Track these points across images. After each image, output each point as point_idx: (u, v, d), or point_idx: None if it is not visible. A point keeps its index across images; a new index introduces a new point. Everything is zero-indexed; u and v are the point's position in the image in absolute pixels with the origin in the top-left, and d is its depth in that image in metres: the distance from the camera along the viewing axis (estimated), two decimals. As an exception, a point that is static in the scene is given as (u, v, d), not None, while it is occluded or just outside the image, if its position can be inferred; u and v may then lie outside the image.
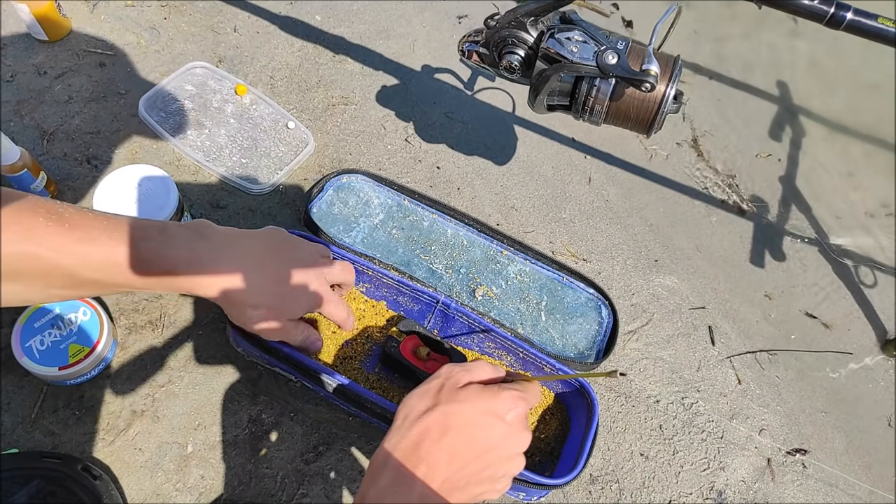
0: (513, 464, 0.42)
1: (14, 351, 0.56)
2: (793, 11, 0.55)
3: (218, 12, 0.92)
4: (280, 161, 0.78)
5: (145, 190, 0.63)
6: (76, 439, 0.57)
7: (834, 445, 0.75)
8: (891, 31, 0.54)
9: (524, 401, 0.43)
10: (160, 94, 0.80)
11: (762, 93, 1.13)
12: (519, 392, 0.43)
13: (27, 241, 0.39)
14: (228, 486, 0.57)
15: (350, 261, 0.63)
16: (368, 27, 0.97)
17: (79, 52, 0.82)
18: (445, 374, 0.43)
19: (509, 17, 0.58)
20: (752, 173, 1.01)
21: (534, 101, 0.60)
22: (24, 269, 0.40)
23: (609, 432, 0.69)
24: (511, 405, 0.42)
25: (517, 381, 0.45)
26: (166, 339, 0.64)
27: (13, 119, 0.75)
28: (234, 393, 0.62)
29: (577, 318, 0.71)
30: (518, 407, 0.42)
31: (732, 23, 1.24)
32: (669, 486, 0.67)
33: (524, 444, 0.43)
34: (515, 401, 0.42)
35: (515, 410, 0.42)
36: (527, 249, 0.75)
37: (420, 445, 0.39)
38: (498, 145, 0.90)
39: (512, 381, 0.45)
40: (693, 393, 0.74)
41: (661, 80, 0.54)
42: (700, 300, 0.82)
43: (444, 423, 0.40)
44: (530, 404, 0.44)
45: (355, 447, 0.61)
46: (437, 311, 0.63)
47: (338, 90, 0.88)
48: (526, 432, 0.43)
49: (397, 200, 0.76)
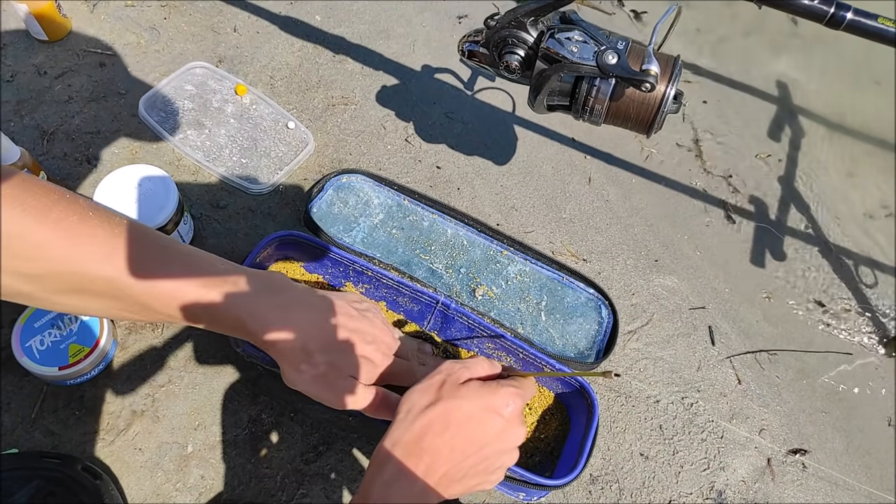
0: (508, 456, 0.45)
1: (14, 351, 0.56)
2: (793, 11, 0.54)
3: (218, 12, 0.92)
4: (280, 161, 0.78)
5: (145, 190, 0.63)
6: (76, 439, 0.57)
7: (834, 445, 0.75)
8: (891, 31, 0.54)
9: (520, 397, 0.45)
10: (160, 94, 0.80)
11: (762, 93, 1.13)
12: (516, 388, 0.45)
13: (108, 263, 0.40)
14: (228, 486, 0.57)
15: (350, 260, 0.63)
16: (368, 27, 0.97)
17: (79, 52, 0.82)
18: (446, 370, 0.45)
19: (509, 17, 0.58)
20: (752, 173, 1.01)
21: (534, 101, 0.60)
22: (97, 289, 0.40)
23: (609, 432, 0.69)
24: (508, 401, 0.44)
25: (513, 377, 0.47)
26: (166, 339, 0.64)
27: (13, 119, 0.75)
28: (234, 393, 0.62)
29: (577, 318, 0.71)
30: (515, 402, 0.44)
31: (732, 23, 1.24)
32: (669, 486, 0.67)
33: (520, 439, 0.45)
34: (513, 397, 0.44)
35: (513, 406, 0.44)
36: (527, 249, 0.75)
37: (423, 438, 0.41)
38: (498, 145, 0.90)
39: (508, 377, 0.47)
40: (693, 393, 0.74)
41: (661, 80, 0.54)
42: (700, 300, 0.82)
43: (446, 418, 0.42)
44: (526, 399, 0.46)
45: (355, 447, 0.61)
46: (436, 312, 0.63)
47: (338, 90, 0.88)
48: (522, 427, 0.45)
49: (397, 200, 0.76)
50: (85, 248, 0.39)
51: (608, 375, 0.41)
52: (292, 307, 0.47)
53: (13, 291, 0.38)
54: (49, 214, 0.37)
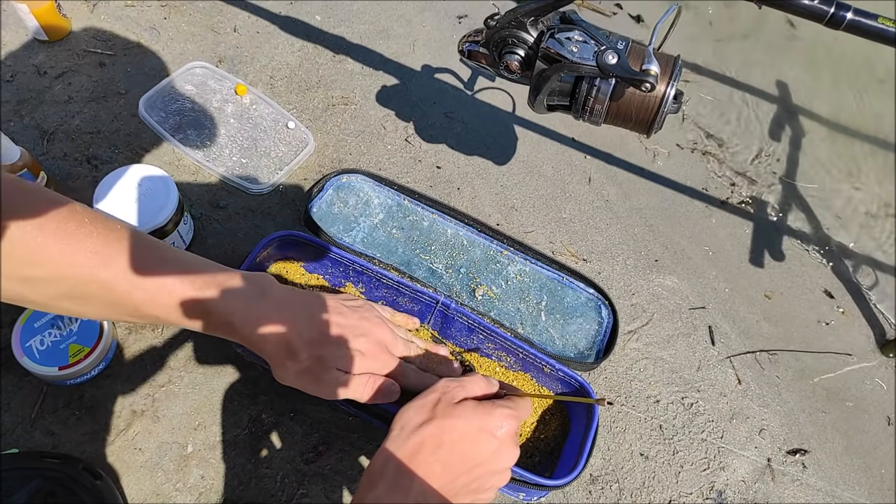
0: (500, 477, 0.45)
1: (14, 351, 0.56)
2: (793, 11, 0.54)
3: (218, 12, 0.92)
4: (280, 161, 0.78)
5: (145, 190, 0.63)
6: (76, 439, 0.57)
7: (834, 445, 0.75)
8: (891, 31, 0.54)
9: (515, 418, 0.45)
10: (160, 94, 0.80)
11: (762, 93, 1.14)
12: (511, 409, 0.45)
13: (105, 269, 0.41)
14: (228, 486, 0.57)
15: (350, 260, 0.63)
16: (368, 27, 0.97)
17: (79, 52, 0.82)
18: (442, 388, 0.46)
19: (509, 17, 0.58)
20: (752, 173, 1.01)
21: (534, 101, 0.60)
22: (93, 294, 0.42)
23: (609, 432, 0.69)
24: (502, 422, 0.44)
25: (509, 397, 0.47)
26: (166, 339, 0.64)
27: (13, 119, 0.75)
28: (234, 393, 0.62)
29: (577, 317, 0.71)
30: (509, 424, 0.45)
31: (732, 23, 1.24)
32: (669, 486, 0.67)
33: (512, 460, 0.45)
34: (507, 418, 0.45)
35: (506, 427, 0.45)
36: (527, 249, 0.75)
37: (415, 456, 0.41)
38: (498, 145, 0.90)
39: (505, 395, 0.47)
40: (693, 393, 0.74)
41: (661, 79, 0.54)
42: (700, 300, 0.82)
43: (439, 437, 0.42)
44: (521, 420, 0.47)
45: (355, 447, 0.61)
46: (436, 312, 0.63)
47: (338, 90, 0.88)
48: (515, 448, 0.45)
49: (397, 200, 0.76)
50: (81, 254, 0.40)
51: (601, 403, 0.42)
52: (276, 307, 0.48)
53: (12, 295, 0.40)
54: (48, 221, 0.39)
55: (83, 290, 0.41)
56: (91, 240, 0.41)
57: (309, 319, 0.49)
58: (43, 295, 0.41)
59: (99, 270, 0.41)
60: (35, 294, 0.40)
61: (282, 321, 0.47)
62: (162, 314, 0.44)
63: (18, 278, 0.39)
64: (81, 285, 0.41)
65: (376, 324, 0.52)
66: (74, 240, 0.40)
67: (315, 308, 0.50)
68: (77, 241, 0.40)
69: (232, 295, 0.46)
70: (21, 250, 0.38)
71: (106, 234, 0.42)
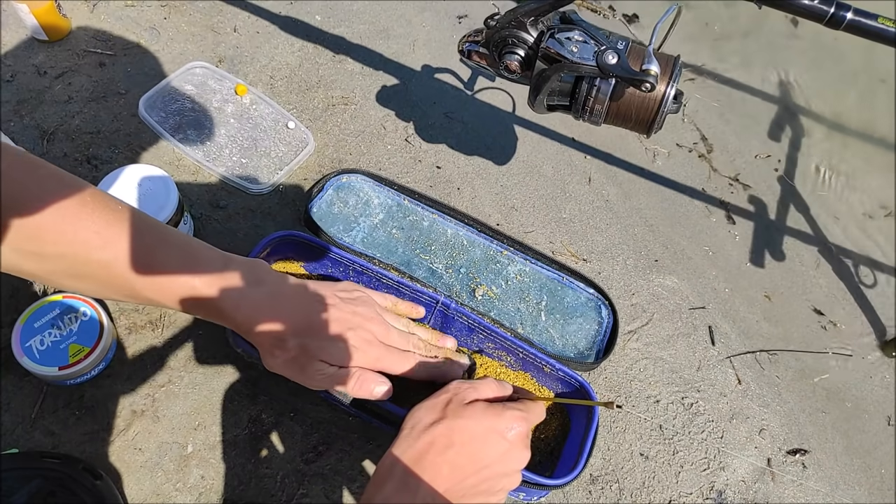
0: (509, 479, 0.45)
1: (14, 351, 0.56)
2: (793, 11, 0.54)
3: (218, 12, 0.92)
4: (280, 161, 0.78)
5: (145, 190, 0.63)
6: (76, 439, 0.57)
7: (834, 445, 0.75)
8: (891, 31, 0.54)
9: (526, 420, 0.45)
10: (160, 94, 0.80)
11: (762, 93, 1.14)
12: (521, 412, 0.45)
13: (104, 250, 0.41)
14: (228, 486, 0.57)
15: (350, 260, 0.63)
16: (368, 27, 0.97)
17: (79, 52, 0.82)
18: (454, 389, 0.46)
19: (509, 17, 0.58)
20: (752, 174, 1.01)
21: (534, 101, 0.60)
22: (91, 273, 0.42)
23: (609, 432, 0.69)
24: (513, 424, 0.44)
25: (521, 400, 0.47)
26: (166, 339, 0.64)
27: (13, 119, 0.75)
28: (234, 393, 0.62)
29: (577, 317, 0.71)
30: (520, 426, 0.45)
31: (732, 23, 1.24)
32: (669, 486, 0.67)
33: (522, 462, 0.45)
34: (517, 420, 0.45)
35: (517, 429, 0.44)
36: (527, 249, 0.75)
37: (425, 456, 0.42)
38: (498, 145, 0.90)
39: (518, 399, 0.47)
40: (693, 393, 0.74)
41: (661, 80, 0.54)
42: (700, 300, 0.82)
43: (449, 437, 0.42)
44: (532, 423, 0.47)
45: (355, 447, 0.61)
46: (436, 312, 0.63)
47: (338, 90, 0.88)
48: (525, 451, 0.45)
49: (397, 200, 0.76)
50: (82, 233, 0.40)
51: (610, 406, 0.43)
52: (269, 295, 0.48)
53: (13, 266, 0.40)
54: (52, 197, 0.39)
55: (82, 269, 0.41)
56: (93, 219, 0.41)
57: (300, 309, 0.49)
58: (41, 269, 0.41)
59: (99, 251, 0.41)
60: (34, 268, 0.40)
61: (273, 309, 0.48)
62: (157, 297, 0.45)
63: (19, 250, 0.39)
64: (81, 264, 0.41)
65: (368, 317, 0.52)
66: (77, 219, 0.40)
67: (307, 298, 0.50)
68: (79, 220, 0.40)
69: (226, 281, 0.46)
70: (22, 222, 0.38)
71: (108, 214, 0.42)
